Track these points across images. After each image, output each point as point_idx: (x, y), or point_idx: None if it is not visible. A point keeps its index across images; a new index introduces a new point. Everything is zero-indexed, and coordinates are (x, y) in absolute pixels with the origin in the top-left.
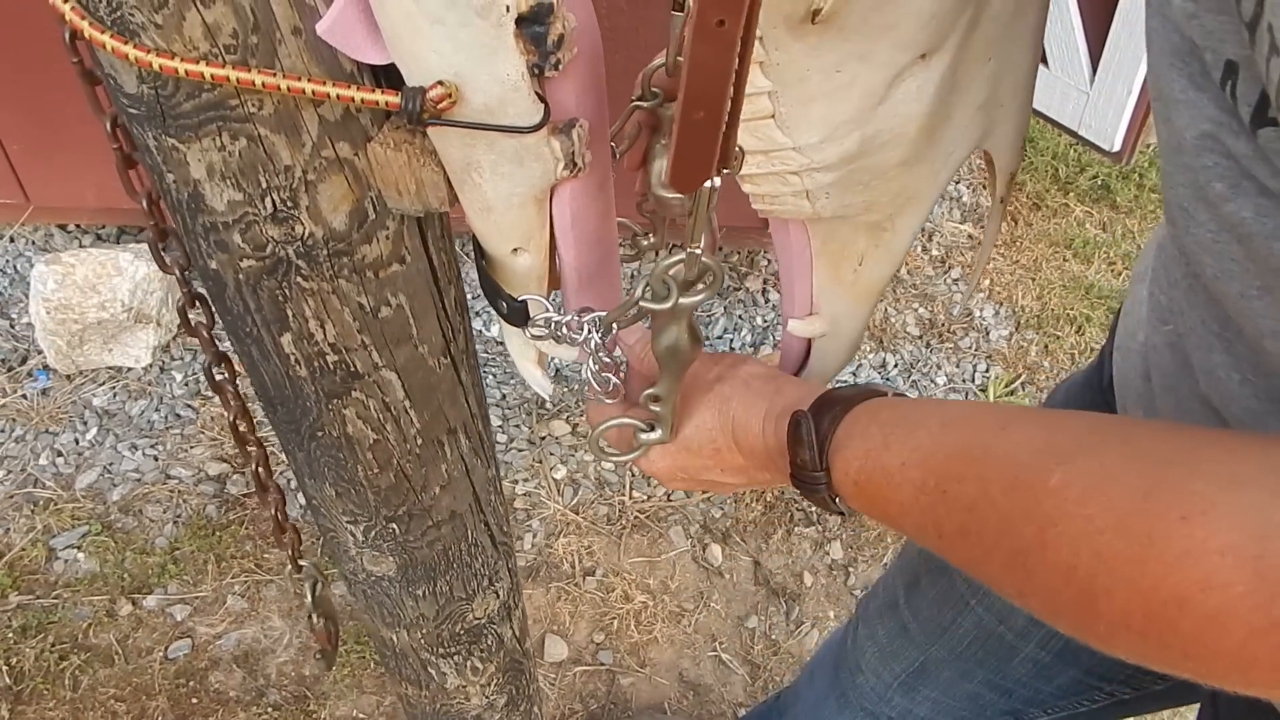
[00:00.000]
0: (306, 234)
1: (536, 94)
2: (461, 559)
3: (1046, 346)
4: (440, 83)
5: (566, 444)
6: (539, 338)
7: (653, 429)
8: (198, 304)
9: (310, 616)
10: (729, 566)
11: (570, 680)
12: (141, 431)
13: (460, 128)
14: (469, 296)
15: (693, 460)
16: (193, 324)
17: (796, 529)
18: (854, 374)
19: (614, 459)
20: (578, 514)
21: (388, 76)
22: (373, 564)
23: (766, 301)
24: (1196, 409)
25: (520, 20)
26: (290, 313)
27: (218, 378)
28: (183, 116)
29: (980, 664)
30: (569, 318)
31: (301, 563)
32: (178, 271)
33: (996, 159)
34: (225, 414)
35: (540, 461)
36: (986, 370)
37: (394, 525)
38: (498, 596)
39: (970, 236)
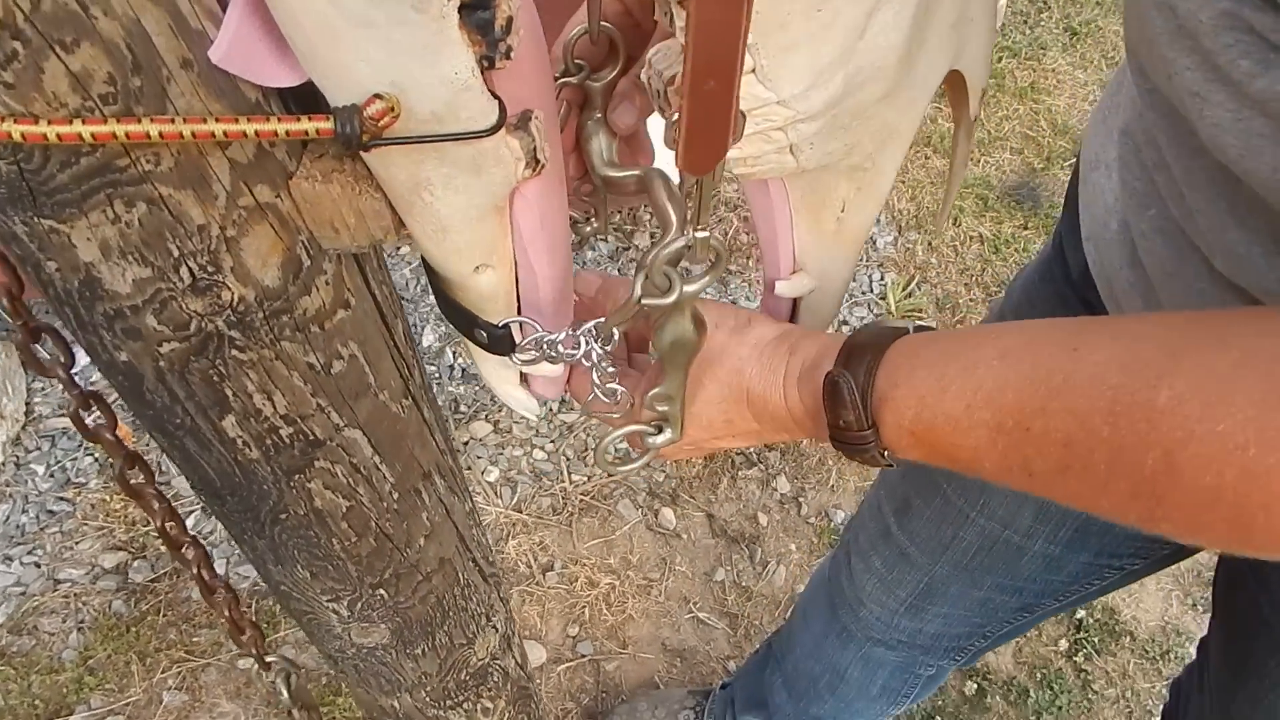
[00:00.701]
0: (236, 299)
1: (488, 90)
2: (456, 604)
3: (930, 244)
4: (378, 96)
5: (493, 444)
6: (529, 362)
7: (660, 430)
8: (93, 404)
9: (290, 713)
10: (684, 526)
11: (556, 680)
12: (12, 540)
13: (407, 144)
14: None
15: (703, 434)
16: (91, 428)
17: (740, 473)
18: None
19: (623, 471)
20: (521, 512)
21: (296, 98)
22: (362, 636)
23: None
24: (1208, 289)
25: (462, 8)
26: (229, 392)
27: (133, 482)
28: (59, 191)
29: (988, 571)
30: (563, 335)
31: (269, 659)
32: (61, 373)
33: (970, 77)
34: (150, 519)
35: (469, 468)
36: (881, 278)
37: (381, 591)
38: (497, 630)
39: None
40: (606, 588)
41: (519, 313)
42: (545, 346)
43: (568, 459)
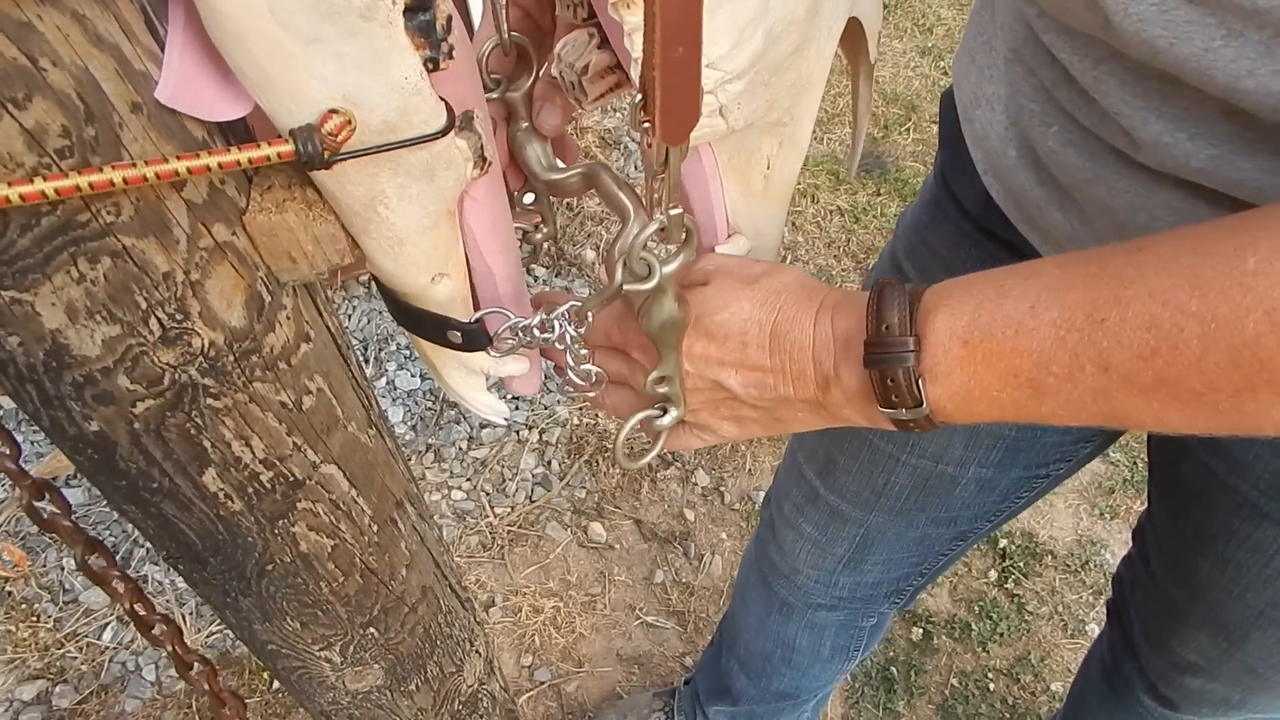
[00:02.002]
0: (206, 345)
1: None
2: (442, 632)
3: (794, 223)
4: (334, 111)
5: None
6: (504, 354)
7: (665, 411)
8: (46, 494)
9: None
10: (615, 537)
11: (521, 712)
12: None
13: (364, 156)
14: None
15: (711, 348)
16: (46, 517)
17: (659, 475)
18: None
19: (641, 464)
20: (451, 554)
21: (232, 133)
22: (356, 681)
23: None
24: (1132, 186)
25: (405, 11)
26: (208, 443)
27: (97, 568)
28: (20, 258)
29: (923, 509)
30: (537, 319)
31: None
32: (10, 464)
33: (866, 22)
34: (118, 604)
35: None
36: None
37: (372, 630)
38: (480, 655)
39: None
40: (551, 612)
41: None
42: (520, 333)
43: (487, 494)
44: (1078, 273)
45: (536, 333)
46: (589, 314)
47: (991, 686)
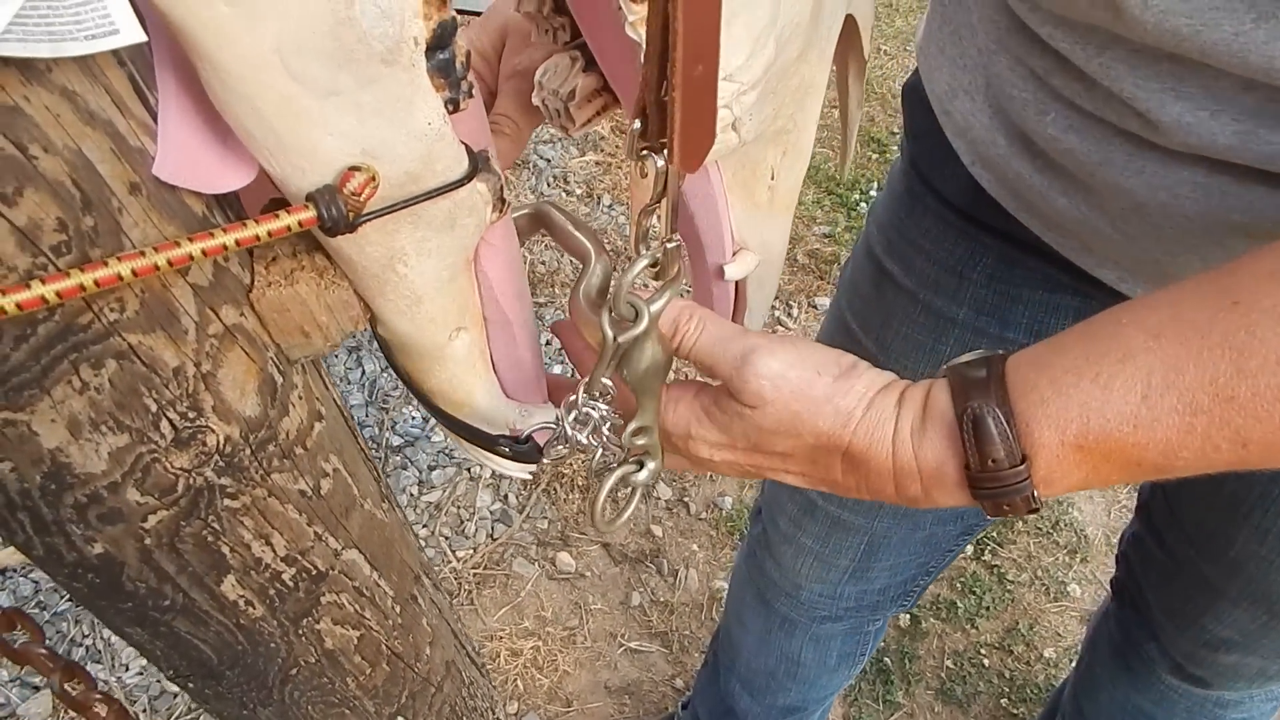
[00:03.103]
0: (222, 442)
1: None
2: (467, 706)
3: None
4: (355, 168)
5: None
6: (559, 458)
7: (642, 466)
8: (17, 623)
9: None
10: (584, 564)
11: None
12: None
13: (390, 214)
14: None
15: (774, 461)
16: (18, 648)
17: (620, 493)
18: None
19: (619, 524)
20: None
21: (227, 204)
22: None
23: None
24: (1149, 165)
25: (425, 51)
26: (226, 549)
27: (75, 694)
28: (14, 374)
29: (929, 508)
30: (571, 416)
31: None
32: None
33: (860, 19)
34: None
35: None
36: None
37: (401, 718)
38: (497, 718)
39: (597, 163)
40: (531, 652)
41: (495, 370)
42: (569, 437)
43: (446, 537)
44: (1179, 345)
45: (578, 434)
46: (602, 381)
47: (986, 662)
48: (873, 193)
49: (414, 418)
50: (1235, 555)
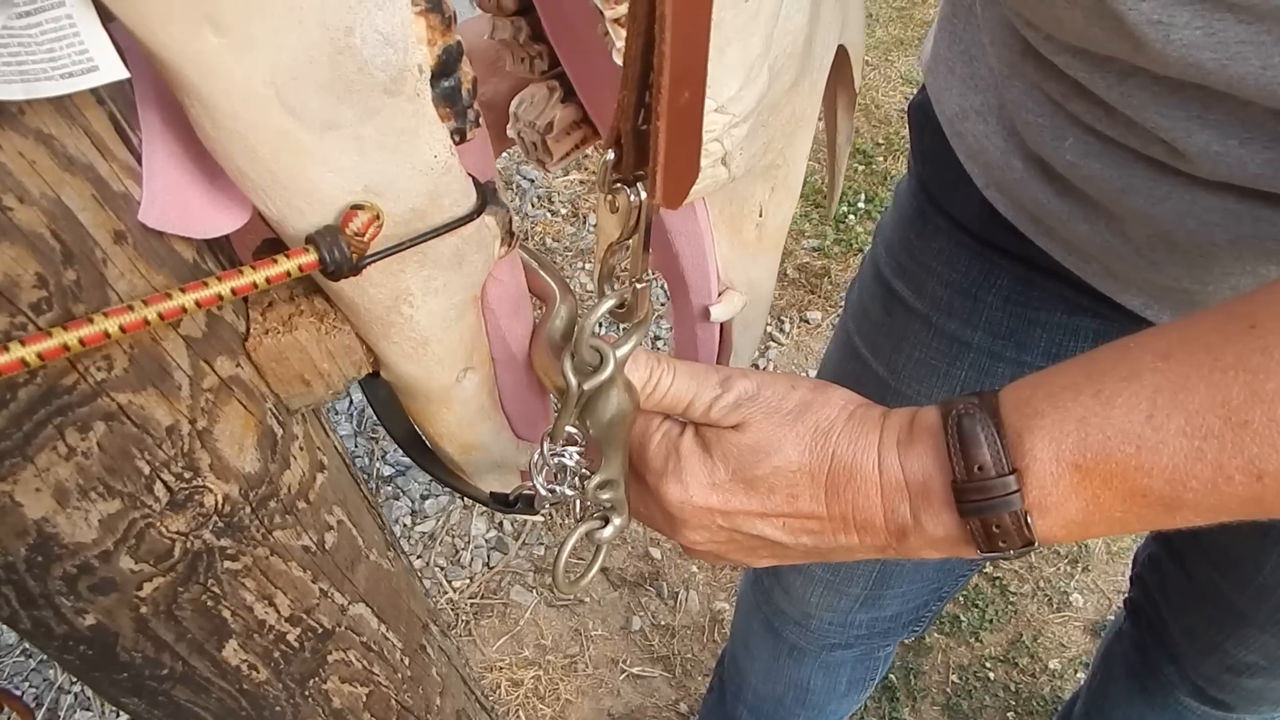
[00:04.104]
0: (220, 501)
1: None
2: None
3: None
4: (357, 207)
5: None
6: (555, 503)
7: (607, 522)
8: (4, 705)
9: None
10: (582, 590)
11: None
12: None
13: (397, 253)
14: None
15: (753, 502)
16: None
17: None
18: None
19: (583, 585)
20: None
21: (218, 249)
22: None
23: None
24: (1174, 190)
25: (430, 80)
26: (228, 612)
27: None
28: None
29: None
30: (544, 474)
31: None
32: None
33: (851, 49)
34: None
35: None
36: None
37: None
38: None
39: (581, 182)
40: (532, 682)
41: (503, 409)
42: (555, 489)
43: (441, 568)
44: (1189, 366)
45: (555, 487)
46: (566, 430)
47: (992, 676)
48: (860, 204)
49: None
50: (1264, 580)
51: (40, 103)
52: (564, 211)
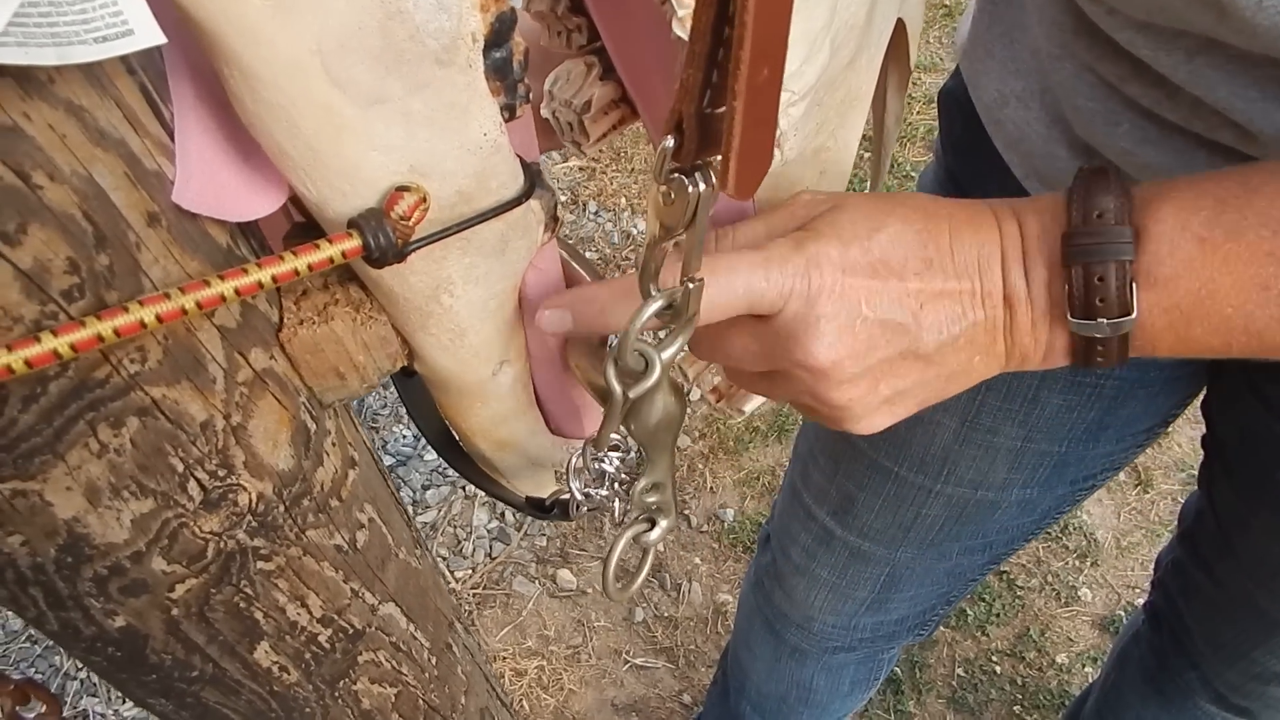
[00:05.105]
0: (254, 500)
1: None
2: None
3: None
4: (403, 188)
5: None
6: (594, 508)
7: (654, 525)
8: (31, 695)
9: None
10: (586, 581)
11: None
12: None
13: (444, 238)
14: None
15: (877, 283)
16: None
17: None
18: None
19: (633, 590)
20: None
21: (250, 234)
22: None
23: None
24: (1211, 137)
25: (483, 50)
26: (260, 614)
27: None
28: (24, 438)
29: (957, 538)
30: (591, 467)
31: None
32: None
33: (910, 23)
34: None
35: None
36: None
37: None
38: None
39: (581, 168)
40: (536, 672)
41: (540, 404)
42: (591, 494)
43: (443, 558)
44: None
45: (591, 489)
46: (614, 436)
47: (998, 669)
48: (868, 189)
49: (405, 436)
50: None
51: (70, 71)
52: (564, 198)
